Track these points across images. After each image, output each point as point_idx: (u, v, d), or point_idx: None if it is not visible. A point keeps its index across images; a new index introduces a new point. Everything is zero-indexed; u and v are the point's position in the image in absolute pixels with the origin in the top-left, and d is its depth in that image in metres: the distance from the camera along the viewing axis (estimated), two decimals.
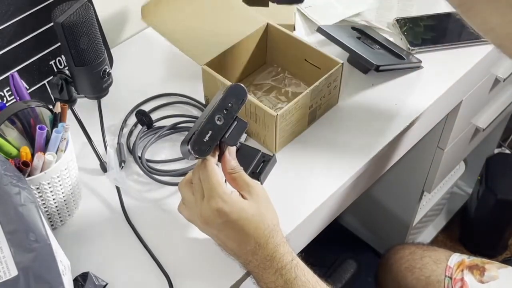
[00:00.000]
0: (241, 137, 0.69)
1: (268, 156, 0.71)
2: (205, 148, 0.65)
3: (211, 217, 0.64)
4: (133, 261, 0.73)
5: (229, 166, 0.67)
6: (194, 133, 0.65)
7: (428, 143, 1.17)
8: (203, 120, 0.66)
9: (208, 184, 0.64)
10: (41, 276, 0.56)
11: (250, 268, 0.66)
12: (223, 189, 0.64)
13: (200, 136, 0.65)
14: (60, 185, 0.71)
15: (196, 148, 0.64)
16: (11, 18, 0.81)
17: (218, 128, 0.66)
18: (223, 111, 0.66)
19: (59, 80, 0.72)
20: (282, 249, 0.64)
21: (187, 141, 0.64)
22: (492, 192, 1.50)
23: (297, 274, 0.64)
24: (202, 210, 0.65)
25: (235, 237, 0.65)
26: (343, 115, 0.90)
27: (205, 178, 0.65)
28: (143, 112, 0.87)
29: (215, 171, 0.65)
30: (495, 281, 0.96)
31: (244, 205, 0.64)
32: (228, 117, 0.66)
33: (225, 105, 0.66)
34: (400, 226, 1.44)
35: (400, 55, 0.96)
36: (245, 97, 0.67)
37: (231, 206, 0.63)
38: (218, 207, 0.63)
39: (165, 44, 0.95)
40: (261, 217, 0.64)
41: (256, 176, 0.70)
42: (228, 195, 0.64)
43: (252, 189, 0.66)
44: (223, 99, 0.66)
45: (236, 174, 0.67)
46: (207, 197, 0.64)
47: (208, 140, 0.65)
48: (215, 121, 0.65)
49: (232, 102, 0.67)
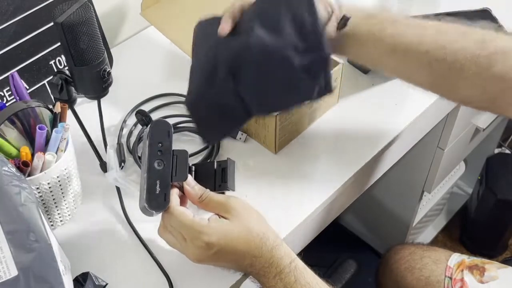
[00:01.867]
0: (187, 166, 0.67)
1: (223, 162, 0.70)
2: (161, 200, 0.64)
3: (202, 253, 0.63)
4: (133, 261, 0.73)
5: (195, 196, 0.66)
6: (144, 192, 0.64)
7: (428, 143, 1.17)
8: (145, 174, 0.64)
9: (183, 228, 0.64)
10: (41, 276, 0.56)
11: (253, 275, 0.66)
12: (199, 224, 0.63)
13: (151, 192, 0.63)
14: (60, 185, 0.71)
15: (153, 204, 0.63)
16: (11, 18, 0.81)
17: (162, 173, 0.64)
18: (158, 154, 0.65)
19: (59, 80, 0.72)
20: (278, 252, 0.64)
21: (144, 203, 0.63)
22: (492, 192, 1.49)
23: (297, 277, 0.63)
24: (190, 251, 0.64)
25: (231, 259, 0.64)
26: (343, 115, 0.90)
27: (177, 223, 0.64)
28: (143, 112, 0.87)
29: (181, 212, 0.64)
30: (495, 281, 0.96)
31: (227, 227, 0.64)
32: (166, 157, 0.65)
33: (157, 148, 0.65)
34: (400, 226, 1.44)
35: None
36: (170, 129, 0.66)
37: (216, 234, 0.63)
38: (205, 241, 0.62)
39: (165, 44, 0.95)
40: (247, 230, 0.64)
41: (224, 187, 0.69)
42: (208, 226, 0.63)
43: (227, 206, 0.65)
44: (151, 143, 0.65)
45: (206, 199, 0.66)
46: (189, 239, 0.63)
47: (160, 190, 0.64)
48: (156, 169, 0.64)
49: (161, 141, 0.65)
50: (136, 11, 0.94)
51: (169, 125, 0.66)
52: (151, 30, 1.05)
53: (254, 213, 0.66)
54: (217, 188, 0.68)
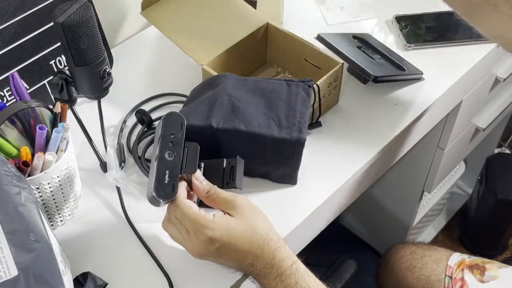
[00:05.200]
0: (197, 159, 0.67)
1: (233, 160, 0.70)
2: (169, 190, 0.64)
3: (204, 247, 0.64)
4: (133, 261, 0.73)
5: (203, 191, 0.66)
6: (153, 181, 0.64)
7: (428, 143, 1.17)
8: (155, 163, 0.65)
9: (187, 220, 0.64)
10: (41, 276, 0.56)
11: (253, 276, 0.66)
12: (204, 218, 0.63)
13: (160, 181, 0.64)
14: (60, 185, 0.71)
15: (161, 193, 0.63)
16: (11, 18, 0.81)
17: (172, 164, 0.65)
18: (170, 145, 0.65)
19: (59, 80, 0.72)
20: (280, 254, 0.64)
21: (151, 191, 0.63)
22: (492, 192, 1.49)
23: (297, 279, 0.63)
24: (193, 244, 0.64)
25: (233, 257, 0.64)
26: (344, 115, 0.90)
27: (182, 216, 0.64)
28: (143, 111, 0.87)
29: (187, 205, 0.64)
30: (495, 281, 0.96)
31: (232, 223, 0.64)
32: (177, 149, 0.65)
33: (168, 139, 0.65)
34: (400, 226, 1.44)
35: (401, 65, 0.94)
36: (183, 122, 0.67)
37: (220, 230, 0.63)
38: (208, 236, 0.63)
39: (165, 44, 0.95)
40: (251, 229, 0.64)
41: (232, 185, 0.69)
42: (212, 221, 0.63)
43: (234, 203, 0.65)
44: (164, 134, 0.65)
45: (213, 195, 0.66)
46: (192, 232, 0.64)
47: (169, 180, 0.64)
48: (166, 159, 0.65)
49: (174, 133, 0.66)
50: (136, 11, 0.94)
51: (182, 118, 0.67)
52: (151, 30, 1.05)
53: (259, 213, 0.67)
54: (224, 186, 0.69)
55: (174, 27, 0.91)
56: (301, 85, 0.79)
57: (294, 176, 0.79)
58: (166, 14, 0.92)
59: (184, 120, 0.67)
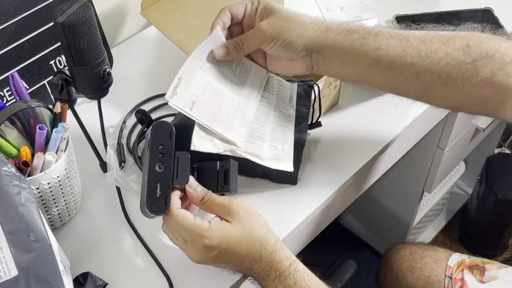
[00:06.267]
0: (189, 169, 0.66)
1: (226, 162, 0.68)
2: (162, 203, 0.63)
3: (202, 255, 0.64)
4: (133, 261, 0.73)
5: (197, 198, 0.66)
6: (145, 195, 0.63)
7: (428, 143, 1.17)
8: (146, 177, 0.63)
9: (183, 230, 0.63)
10: (41, 276, 0.56)
11: (252, 277, 0.66)
12: (200, 227, 0.63)
13: (151, 195, 0.62)
14: (60, 185, 0.71)
15: (154, 208, 0.62)
16: (11, 18, 0.81)
17: (163, 176, 0.63)
18: (159, 157, 0.64)
19: (59, 80, 0.72)
20: (277, 256, 0.64)
21: (144, 206, 0.63)
22: (492, 192, 1.50)
23: (296, 279, 0.63)
24: (191, 253, 0.64)
25: (231, 261, 0.64)
26: (343, 115, 0.90)
27: (177, 226, 0.64)
28: (143, 111, 0.87)
29: (181, 215, 0.63)
30: (495, 281, 0.96)
31: (229, 230, 0.63)
32: (167, 159, 0.64)
33: (158, 150, 0.64)
34: (400, 226, 1.44)
35: None
36: (171, 131, 0.65)
37: (217, 237, 0.63)
38: (205, 245, 0.62)
39: (165, 44, 0.95)
40: (248, 234, 0.64)
41: (226, 189, 0.67)
42: (208, 230, 0.63)
43: (229, 209, 0.65)
44: (152, 145, 0.64)
45: (208, 201, 0.65)
46: (189, 241, 0.63)
47: (161, 193, 0.63)
48: (157, 171, 0.63)
49: (163, 143, 0.64)
50: (136, 11, 0.94)
51: (170, 127, 0.65)
52: (151, 30, 1.05)
53: (256, 217, 0.66)
54: (219, 189, 0.68)
55: (174, 27, 0.91)
56: (301, 85, 0.79)
57: (294, 176, 0.79)
58: (166, 14, 0.92)
59: (173, 129, 0.65)
